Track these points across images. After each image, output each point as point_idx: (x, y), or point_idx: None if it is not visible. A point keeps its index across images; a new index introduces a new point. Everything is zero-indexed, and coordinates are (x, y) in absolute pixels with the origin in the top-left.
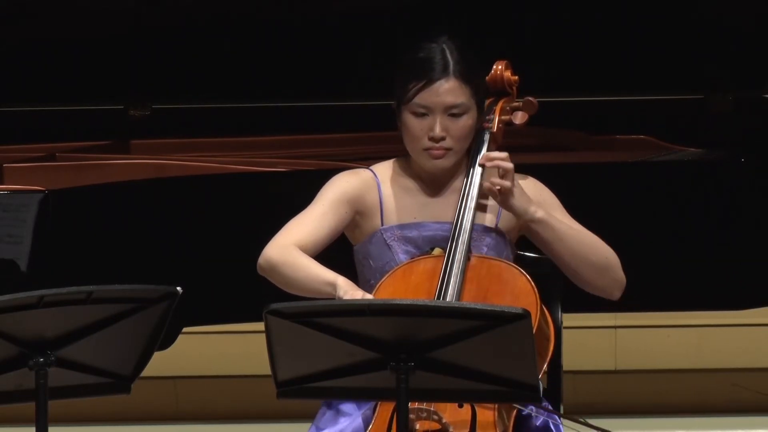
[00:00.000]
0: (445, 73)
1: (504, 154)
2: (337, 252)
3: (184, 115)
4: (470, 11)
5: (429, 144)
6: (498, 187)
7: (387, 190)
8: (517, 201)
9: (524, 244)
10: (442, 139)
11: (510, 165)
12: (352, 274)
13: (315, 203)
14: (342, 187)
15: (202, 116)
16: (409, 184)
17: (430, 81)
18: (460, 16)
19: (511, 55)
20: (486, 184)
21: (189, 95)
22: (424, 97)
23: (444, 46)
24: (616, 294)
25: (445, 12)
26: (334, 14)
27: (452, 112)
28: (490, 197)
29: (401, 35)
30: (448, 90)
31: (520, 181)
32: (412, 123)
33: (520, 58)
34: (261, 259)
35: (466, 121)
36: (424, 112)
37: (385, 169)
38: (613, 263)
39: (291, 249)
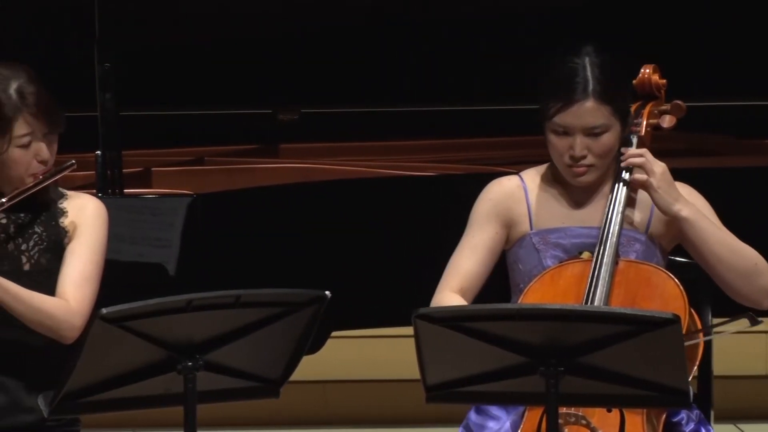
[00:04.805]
0: (584, 94)
1: (637, 151)
2: None
3: (333, 119)
4: (617, 15)
5: (570, 161)
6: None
7: (534, 197)
8: (661, 196)
9: (673, 248)
10: (583, 157)
11: (639, 160)
12: (504, 278)
13: (467, 233)
14: (487, 207)
15: (350, 120)
16: (558, 190)
17: (569, 102)
18: (606, 20)
19: (659, 59)
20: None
21: (337, 99)
22: (564, 118)
23: (587, 61)
24: (765, 303)
25: (594, 16)
26: (484, 17)
27: (593, 132)
28: (638, 206)
29: (550, 40)
30: (587, 111)
31: None
32: (554, 140)
33: (668, 61)
34: None
35: (608, 138)
36: (564, 131)
37: (534, 175)
38: (762, 270)
39: (449, 301)
